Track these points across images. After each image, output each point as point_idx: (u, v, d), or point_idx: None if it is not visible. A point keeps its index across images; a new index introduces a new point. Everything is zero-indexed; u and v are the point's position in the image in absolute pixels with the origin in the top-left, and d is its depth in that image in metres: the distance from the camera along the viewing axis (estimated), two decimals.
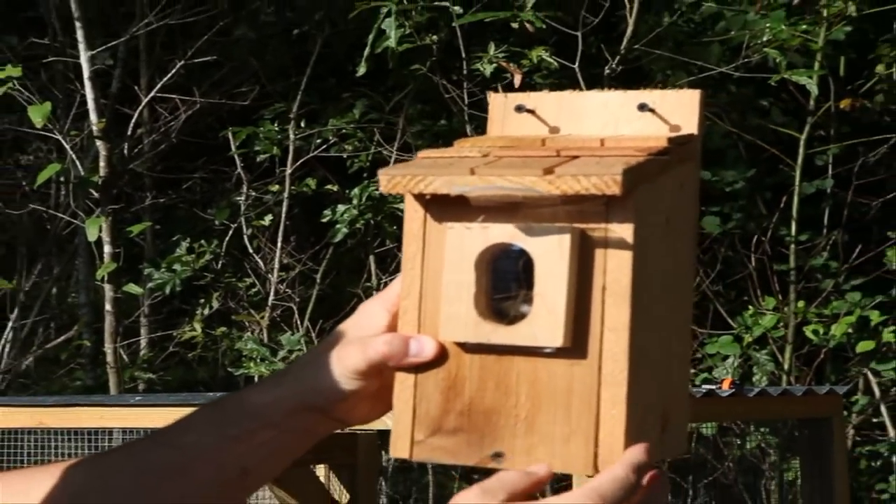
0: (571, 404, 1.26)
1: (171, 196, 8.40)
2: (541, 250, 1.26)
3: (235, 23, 8.45)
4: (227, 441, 1.38)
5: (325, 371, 1.36)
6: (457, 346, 1.29)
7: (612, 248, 1.25)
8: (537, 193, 1.23)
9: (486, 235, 1.27)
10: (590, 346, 1.25)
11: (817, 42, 6.39)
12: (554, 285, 1.25)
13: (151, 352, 7.60)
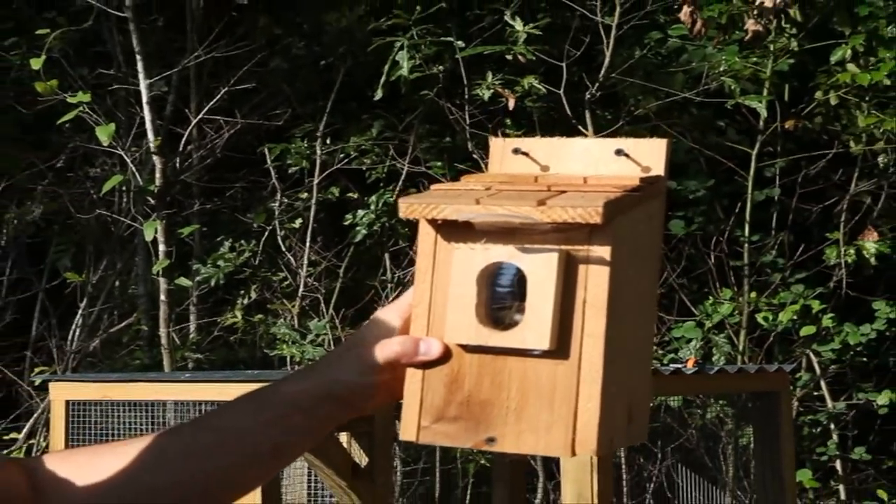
0: (554, 398, 1.28)
1: (216, 203, 8.42)
2: (532, 267, 1.29)
3: (271, 55, 8.40)
4: (262, 424, 1.38)
5: (347, 367, 1.38)
6: (459, 347, 1.31)
7: (592, 266, 1.28)
8: (532, 221, 1.26)
9: (487, 255, 1.29)
10: (571, 350, 1.27)
11: (765, 72, 6.44)
12: (542, 297, 1.28)
13: (199, 335, 7.65)
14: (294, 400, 1.39)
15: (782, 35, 6.50)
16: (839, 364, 6.79)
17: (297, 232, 7.63)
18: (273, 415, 1.39)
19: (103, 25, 7.90)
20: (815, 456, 6.66)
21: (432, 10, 6.99)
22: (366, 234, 7.31)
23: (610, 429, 1.27)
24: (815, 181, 7.00)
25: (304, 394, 1.39)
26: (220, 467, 1.40)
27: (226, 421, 1.43)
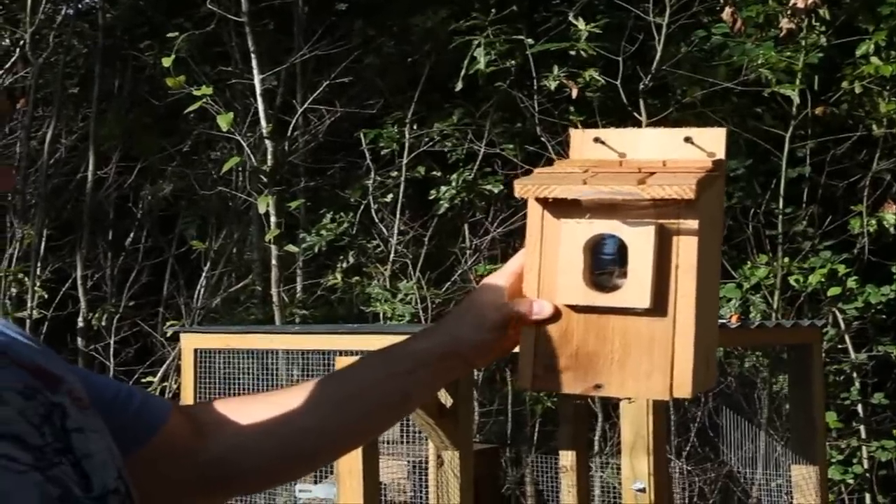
0: (653, 349, 1.30)
1: (318, 180, 8.49)
2: (632, 238, 1.31)
3: (365, 53, 8.44)
4: (394, 377, 1.40)
5: (468, 327, 1.38)
6: (568, 307, 1.33)
7: (683, 236, 1.30)
8: (634, 197, 1.28)
9: (591, 228, 1.32)
10: (668, 308, 1.30)
11: (798, 64, 6.38)
12: (642, 263, 1.30)
13: (304, 295, 7.70)
14: (421, 356, 1.40)
15: (813, 32, 6.42)
16: (861, 320, 6.75)
17: (388, 205, 7.66)
18: (403, 369, 1.40)
19: (223, 29, 7.99)
20: (839, 400, 6.61)
21: (505, 13, 7.00)
22: (447, 207, 7.35)
23: (697, 374, 1.29)
24: (841, 160, 6.90)
25: (430, 351, 1.40)
26: (358, 414, 1.42)
27: (363, 374, 1.44)
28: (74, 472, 1.03)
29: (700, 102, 6.99)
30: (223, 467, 1.36)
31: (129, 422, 1.25)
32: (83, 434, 1.08)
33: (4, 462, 0.94)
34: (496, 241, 7.50)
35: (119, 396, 1.27)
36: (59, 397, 1.09)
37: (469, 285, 7.32)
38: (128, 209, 9.13)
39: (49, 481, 0.97)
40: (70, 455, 1.04)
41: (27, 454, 0.97)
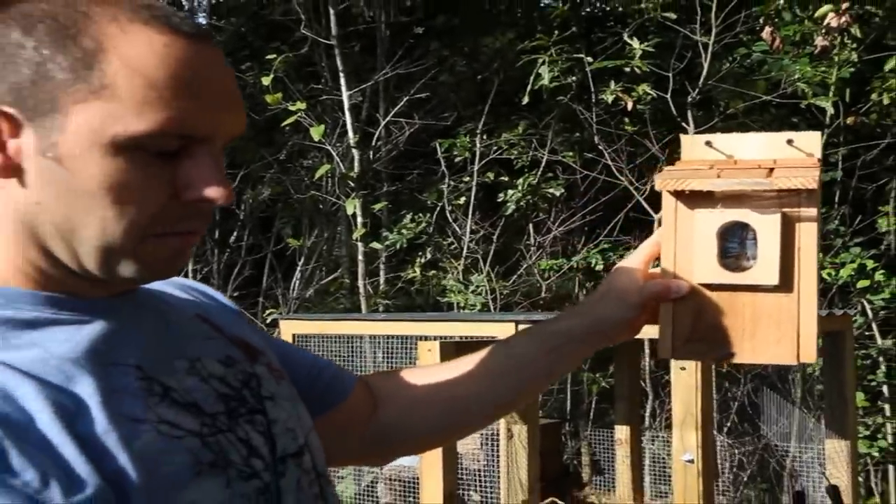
0: (781, 321, 1.32)
1: (399, 185, 8.56)
2: (760, 225, 1.33)
3: (440, 72, 8.50)
4: (543, 353, 1.41)
5: (610, 306, 1.40)
6: (702, 286, 1.35)
7: (803, 222, 1.32)
8: (763, 188, 1.31)
9: (723, 216, 1.34)
10: (793, 284, 1.32)
11: (831, 78, 6.32)
12: (770, 246, 1.32)
13: (387, 286, 7.79)
14: (568, 334, 1.42)
15: (845, 49, 6.35)
16: (887, 310, 6.68)
17: (460, 207, 7.67)
18: (551, 346, 1.42)
19: (315, 51, 8.09)
20: (866, 382, 6.56)
21: (566, 34, 6.98)
22: (514, 208, 7.33)
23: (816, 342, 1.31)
24: (871, 165, 6.83)
25: (578, 328, 1.42)
26: (513, 386, 1.42)
27: (516, 350, 1.44)
28: (262, 436, 1.06)
29: (742, 114, 6.95)
30: (394, 432, 1.40)
31: (320, 391, 1.30)
32: (274, 402, 1.12)
33: (167, 428, 0.96)
34: (557, 239, 7.53)
35: (313, 369, 1.32)
36: (257, 368, 1.13)
37: (533, 278, 7.34)
38: (232, 211, 9.25)
39: (205, 447, 0.99)
40: (262, 418, 1.08)
41: (195, 421, 1.00)
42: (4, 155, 0.95)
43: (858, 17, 6.40)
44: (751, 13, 6.77)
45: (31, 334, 0.95)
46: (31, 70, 0.93)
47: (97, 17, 0.94)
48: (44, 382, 0.91)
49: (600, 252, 7.27)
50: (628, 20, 7.24)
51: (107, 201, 0.94)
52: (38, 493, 0.84)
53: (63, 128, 0.93)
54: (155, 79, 0.93)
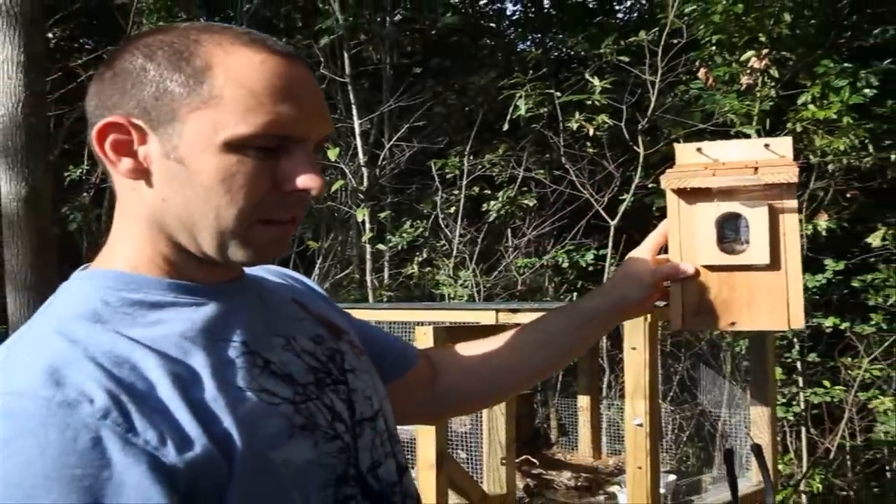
0: (773, 294, 1.33)
1: (401, 197, 8.51)
2: (752, 214, 1.34)
3: (435, 104, 8.50)
4: (573, 328, 1.41)
5: (629, 287, 1.40)
6: (705, 267, 1.36)
7: (787, 213, 1.34)
8: (753, 183, 1.32)
9: (719, 208, 1.35)
10: (781, 263, 1.33)
11: (755, 110, 6.34)
12: (760, 232, 1.33)
13: (390, 281, 7.75)
14: (595, 312, 1.42)
15: (765, 86, 6.35)
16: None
17: (451, 215, 7.64)
18: (579, 322, 1.42)
19: (332, 87, 8.02)
20: (783, 359, 6.56)
21: (539, 73, 6.97)
22: (495, 216, 7.33)
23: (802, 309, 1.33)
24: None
25: (601, 307, 1.42)
26: (547, 357, 1.42)
27: (550, 326, 1.43)
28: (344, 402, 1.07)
29: (682, 139, 6.94)
30: (450, 396, 1.40)
31: (391, 362, 1.30)
32: (355, 374, 1.12)
33: (266, 396, 0.97)
34: (531, 242, 7.53)
35: (385, 344, 1.32)
36: (341, 345, 1.13)
37: (511, 274, 7.33)
38: None
39: (298, 413, 0.99)
40: (344, 388, 1.08)
41: (290, 390, 1.00)
42: (136, 160, 0.97)
43: (776, 61, 6.41)
44: (689, 57, 6.77)
45: (156, 314, 0.96)
46: (153, 88, 0.95)
47: (205, 42, 0.96)
48: (164, 355, 0.92)
49: (566, 252, 7.28)
50: (589, 62, 7.25)
51: (220, 192, 0.95)
52: (157, 451, 0.85)
53: (182, 133, 0.94)
54: (255, 89, 0.94)
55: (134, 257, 0.99)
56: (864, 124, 6.32)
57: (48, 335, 0.91)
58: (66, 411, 0.82)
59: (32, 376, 0.85)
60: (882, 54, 7.33)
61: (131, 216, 1.00)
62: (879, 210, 6.56)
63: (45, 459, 0.80)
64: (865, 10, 8.60)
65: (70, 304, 0.96)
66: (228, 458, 0.89)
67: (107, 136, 0.96)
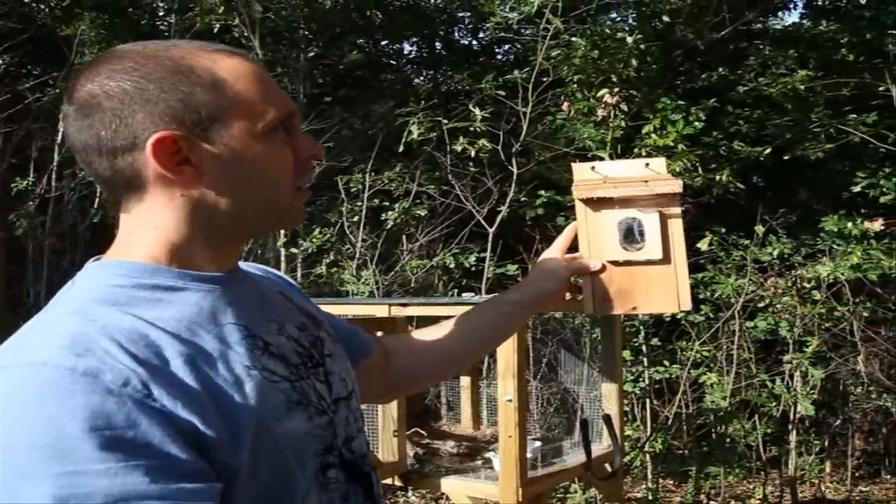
0: (665, 283, 1.37)
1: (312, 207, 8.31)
2: (647, 219, 1.38)
3: (342, 128, 8.39)
4: (501, 315, 1.43)
5: (547, 280, 1.41)
6: (611, 263, 1.39)
7: (673, 218, 1.38)
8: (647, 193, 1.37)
9: (620, 214, 1.39)
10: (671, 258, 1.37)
11: (608, 138, 6.45)
12: (653, 233, 1.38)
13: (303, 280, 7.56)
14: (518, 302, 1.43)
15: (617, 118, 6.47)
16: None
17: (355, 223, 7.54)
18: (507, 311, 1.43)
19: None
20: (631, 343, 6.64)
21: (430, 103, 6.98)
22: (392, 224, 7.27)
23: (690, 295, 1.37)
24: None
25: (523, 298, 1.43)
26: (481, 342, 1.42)
27: (483, 315, 1.43)
28: (323, 384, 1.05)
29: (549, 161, 7.03)
30: (400, 376, 1.39)
31: (354, 349, 1.27)
32: (332, 358, 1.11)
33: (268, 374, 0.95)
34: (422, 246, 7.50)
35: (349, 333, 1.30)
36: (320, 333, 1.12)
37: (406, 273, 7.28)
38: None
39: (294, 390, 0.97)
40: (323, 370, 1.07)
41: (286, 369, 0.99)
42: (191, 166, 0.94)
43: (625, 97, 6.55)
44: (555, 92, 6.87)
45: (168, 298, 0.93)
46: (180, 102, 0.93)
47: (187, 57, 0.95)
48: (176, 336, 0.89)
49: (453, 255, 7.26)
50: (473, 95, 7.26)
51: (271, 173, 0.97)
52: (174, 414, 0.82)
53: (228, 133, 0.94)
54: (256, 83, 0.96)
55: (150, 249, 0.96)
56: (694, 150, 6.51)
57: (67, 315, 0.87)
58: (89, 379, 0.79)
59: (54, 349, 0.81)
60: (709, 94, 7.60)
61: (166, 217, 0.96)
62: (707, 220, 6.75)
63: (74, 423, 0.76)
64: (696, 59, 8.91)
65: (86, 289, 0.92)
66: (237, 430, 0.86)
67: (160, 151, 0.93)
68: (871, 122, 6.82)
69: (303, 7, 8.34)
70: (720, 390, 6.31)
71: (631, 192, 1.37)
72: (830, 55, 7.87)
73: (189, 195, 0.95)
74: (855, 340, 6.39)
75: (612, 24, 7.34)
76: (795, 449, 6.49)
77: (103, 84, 0.92)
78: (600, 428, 3.42)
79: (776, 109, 7.49)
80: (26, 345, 0.83)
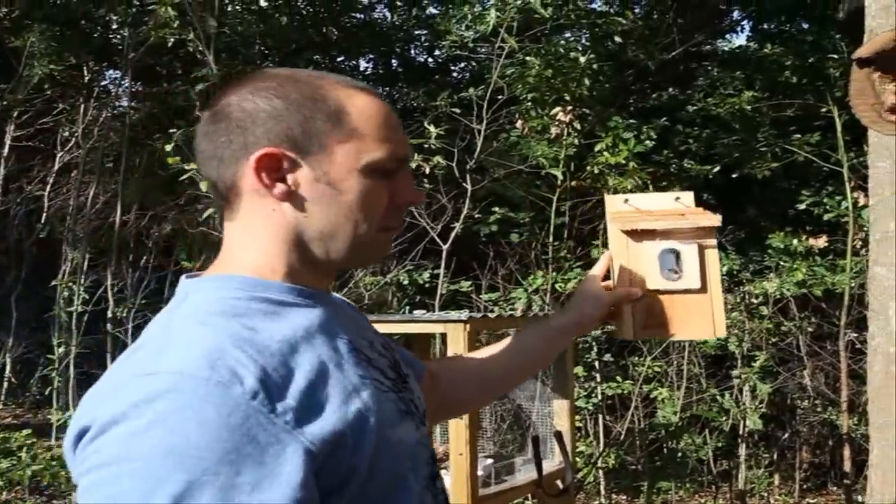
0: (702, 311, 1.39)
1: None
2: (686, 249, 1.41)
3: None
4: (544, 340, 1.43)
5: (590, 306, 1.42)
6: (651, 291, 1.41)
7: (709, 248, 1.41)
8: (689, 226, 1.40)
9: (660, 245, 1.41)
10: (707, 287, 1.40)
11: (561, 155, 6.49)
12: (692, 264, 1.40)
13: None
14: (560, 328, 1.43)
15: (570, 136, 6.52)
16: None
17: None
18: (550, 336, 1.43)
19: None
20: (584, 359, 6.64)
21: None
22: None
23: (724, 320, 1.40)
24: (587, 213, 6.85)
25: (567, 323, 1.43)
26: (524, 366, 1.43)
27: (528, 339, 1.44)
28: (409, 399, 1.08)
29: (503, 177, 7.04)
30: (446, 401, 1.39)
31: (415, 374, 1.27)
32: (410, 378, 1.14)
33: (377, 384, 0.98)
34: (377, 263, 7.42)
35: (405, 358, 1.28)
36: (396, 354, 1.16)
37: (360, 289, 7.21)
38: (142, 241, 8.85)
39: (399, 400, 1.01)
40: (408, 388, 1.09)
41: (388, 381, 1.02)
42: (286, 184, 0.97)
43: (578, 116, 6.61)
44: (509, 110, 6.90)
45: (281, 312, 0.95)
46: (298, 124, 0.97)
47: (327, 87, 1.00)
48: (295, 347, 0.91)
49: (407, 272, 7.21)
50: (428, 112, 7.26)
51: (359, 209, 0.98)
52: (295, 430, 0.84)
53: (331, 160, 0.98)
54: (379, 123, 1.00)
55: (258, 265, 0.99)
56: (645, 168, 6.58)
57: (194, 326, 0.90)
58: (221, 390, 0.82)
59: (189, 359, 0.84)
60: (659, 113, 7.69)
61: (262, 230, 0.99)
62: None
63: (201, 433, 0.79)
64: (647, 79, 9.03)
65: (203, 302, 0.95)
66: (359, 437, 0.89)
67: (263, 165, 0.97)
68: (815, 142, 6.97)
69: (258, 23, 8.27)
70: (671, 405, 6.34)
71: (672, 224, 1.41)
72: (775, 77, 8.04)
73: (283, 211, 0.98)
74: (801, 355, 6.48)
75: (566, 44, 7.38)
76: (745, 462, 6.55)
77: (244, 98, 0.99)
78: (552, 444, 3.39)
79: (724, 129, 7.62)
80: (160, 354, 0.86)
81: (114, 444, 0.80)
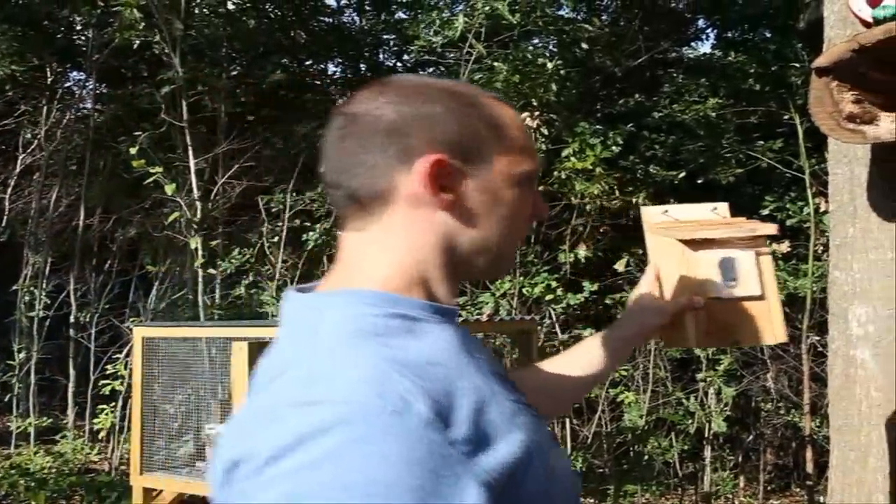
0: (761, 317, 1.40)
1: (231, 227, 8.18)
2: (743, 258, 1.41)
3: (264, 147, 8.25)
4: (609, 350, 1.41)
5: (650, 317, 1.40)
6: (711, 299, 1.41)
7: (764, 255, 1.42)
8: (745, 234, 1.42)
9: (719, 253, 1.42)
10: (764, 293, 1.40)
11: None
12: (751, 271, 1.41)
13: (221, 301, 7.36)
14: (623, 339, 1.42)
15: (537, 141, 6.53)
16: (564, 315, 6.81)
17: (276, 244, 7.37)
18: (616, 346, 1.41)
19: (172, 130, 7.63)
20: None
21: None
22: (313, 245, 7.12)
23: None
24: (552, 219, 6.87)
25: (629, 334, 1.43)
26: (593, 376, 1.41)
27: (592, 351, 1.42)
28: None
29: None
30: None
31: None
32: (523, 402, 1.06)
33: (527, 407, 0.94)
34: None
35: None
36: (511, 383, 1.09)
37: None
38: (106, 245, 8.72)
39: (543, 425, 0.97)
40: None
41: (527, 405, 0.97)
42: (452, 193, 0.94)
43: (545, 121, 6.62)
44: None
45: (417, 329, 0.89)
46: (461, 130, 0.94)
47: (480, 96, 0.99)
48: (447, 368, 0.86)
49: None
50: None
51: (511, 220, 0.97)
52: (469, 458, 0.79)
53: (490, 170, 0.95)
54: (524, 134, 1.00)
55: (389, 278, 0.92)
56: (612, 174, 6.61)
57: (343, 347, 0.83)
58: (396, 420, 0.75)
59: (352, 386, 0.77)
60: (626, 119, 7.74)
61: (404, 241, 0.94)
62: (625, 242, 6.84)
63: (385, 469, 0.72)
64: (613, 85, 9.08)
65: (340, 321, 0.87)
66: (527, 467, 0.84)
67: (434, 171, 0.92)
68: (777, 148, 7.06)
69: (226, 26, 8.19)
70: (637, 409, 6.36)
71: (730, 233, 1.43)
72: (739, 84, 8.13)
73: (439, 221, 0.94)
74: (765, 358, 6.54)
75: (534, 49, 7.39)
76: (711, 465, 6.59)
77: (393, 101, 0.94)
78: None
79: (690, 135, 7.68)
80: (313, 380, 0.79)
81: (283, 480, 0.72)
